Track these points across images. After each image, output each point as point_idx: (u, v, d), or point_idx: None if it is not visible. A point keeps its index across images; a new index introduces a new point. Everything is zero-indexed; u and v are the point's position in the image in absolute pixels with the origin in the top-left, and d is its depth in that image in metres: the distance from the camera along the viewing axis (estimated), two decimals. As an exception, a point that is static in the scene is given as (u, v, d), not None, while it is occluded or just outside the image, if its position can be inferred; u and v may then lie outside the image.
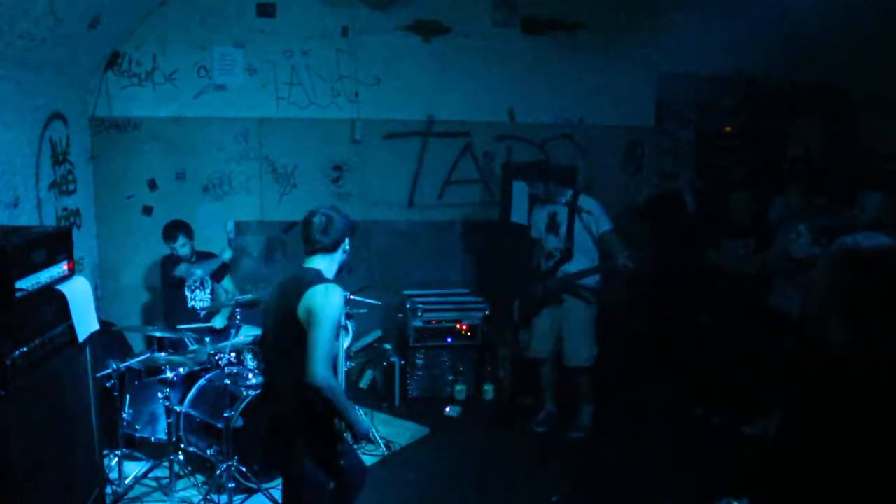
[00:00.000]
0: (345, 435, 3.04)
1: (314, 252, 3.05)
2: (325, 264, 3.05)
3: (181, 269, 5.22)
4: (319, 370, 2.77)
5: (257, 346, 4.23)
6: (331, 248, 3.04)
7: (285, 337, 2.95)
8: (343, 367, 3.20)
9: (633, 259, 4.73)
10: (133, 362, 4.33)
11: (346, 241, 3.10)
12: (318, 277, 2.95)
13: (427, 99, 6.40)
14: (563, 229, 5.09)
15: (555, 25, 6.50)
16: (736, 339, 5.17)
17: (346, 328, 3.27)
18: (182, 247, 5.22)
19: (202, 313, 5.21)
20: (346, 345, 3.26)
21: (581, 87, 6.61)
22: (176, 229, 5.25)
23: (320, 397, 2.81)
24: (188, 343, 4.79)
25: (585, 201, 5.07)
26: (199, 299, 5.32)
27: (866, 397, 2.15)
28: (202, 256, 5.40)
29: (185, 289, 5.29)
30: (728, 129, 7.10)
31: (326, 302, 2.83)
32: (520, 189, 5.80)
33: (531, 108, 6.59)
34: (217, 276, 5.46)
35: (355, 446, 3.21)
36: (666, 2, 6.13)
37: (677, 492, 4.40)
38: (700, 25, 6.19)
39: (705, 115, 6.95)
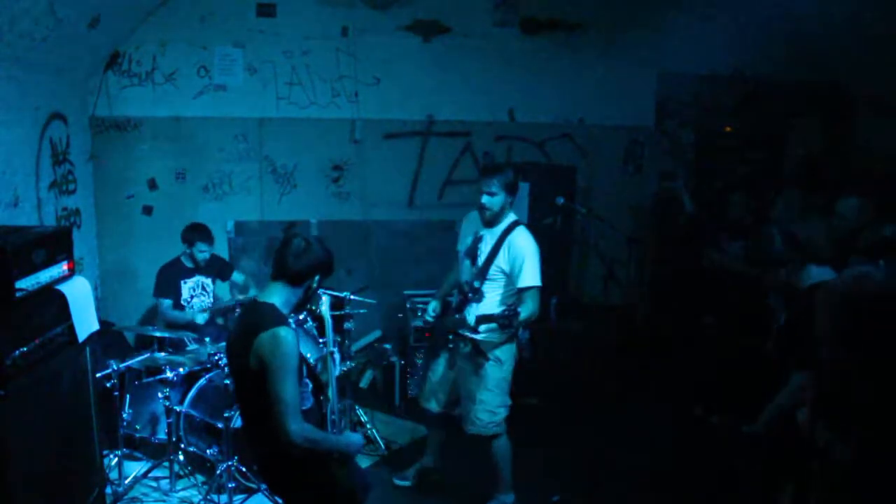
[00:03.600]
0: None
1: (278, 278, 2.82)
2: (284, 297, 2.81)
3: (184, 316, 5.07)
4: (290, 426, 2.60)
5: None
6: (296, 280, 2.80)
7: (246, 389, 2.81)
8: (334, 376, 3.08)
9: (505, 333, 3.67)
10: (133, 362, 4.33)
11: (316, 278, 2.84)
12: (269, 318, 2.71)
13: (427, 99, 6.40)
14: (480, 261, 3.95)
15: (555, 25, 6.50)
16: (736, 339, 5.17)
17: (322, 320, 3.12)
18: (201, 253, 5.10)
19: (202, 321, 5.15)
20: (331, 342, 3.15)
21: (581, 87, 6.62)
22: (195, 234, 5.09)
23: (300, 450, 2.67)
24: (188, 343, 4.79)
25: (521, 239, 3.84)
26: (198, 308, 5.20)
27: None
28: (217, 261, 5.32)
29: (182, 300, 5.16)
30: (728, 129, 7.10)
31: (276, 351, 2.61)
32: (520, 189, 5.79)
33: (531, 108, 6.59)
34: (222, 275, 5.40)
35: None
36: (666, 2, 6.13)
37: (677, 492, 4.41)
38: (700, 25, 6.19)
39: (705, 115, 6.95)
